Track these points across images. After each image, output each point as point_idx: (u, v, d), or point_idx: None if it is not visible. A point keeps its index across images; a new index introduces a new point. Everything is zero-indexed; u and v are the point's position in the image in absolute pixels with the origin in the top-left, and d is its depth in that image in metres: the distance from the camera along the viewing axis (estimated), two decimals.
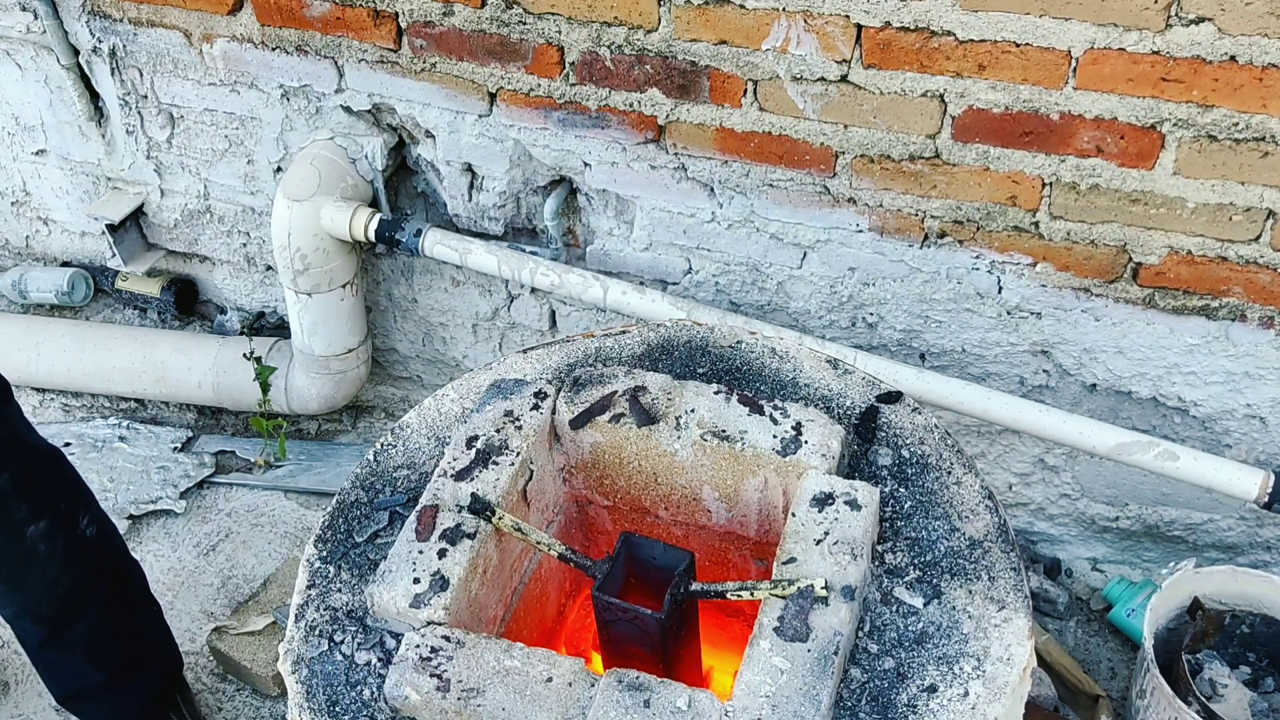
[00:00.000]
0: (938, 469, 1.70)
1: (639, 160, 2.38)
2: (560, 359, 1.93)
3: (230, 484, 3.02)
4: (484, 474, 1.65)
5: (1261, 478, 2.07)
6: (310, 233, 2.60)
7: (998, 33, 1.95)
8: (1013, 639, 1.48)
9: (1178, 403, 2.26)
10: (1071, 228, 2.13)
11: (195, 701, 2.47)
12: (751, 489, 1.70)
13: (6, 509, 1.96)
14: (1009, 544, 1.60)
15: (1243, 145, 1.93)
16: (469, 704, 1.42)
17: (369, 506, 1.73)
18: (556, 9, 2.22)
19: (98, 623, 2.16)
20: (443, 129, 2.51)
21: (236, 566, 2.82)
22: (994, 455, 2.54)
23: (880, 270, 2.33)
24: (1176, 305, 2.16)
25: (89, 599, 2.13)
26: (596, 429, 1.73)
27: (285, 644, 1.57)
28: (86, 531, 2.11)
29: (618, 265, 2.57)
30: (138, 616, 2.29)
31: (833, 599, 1.46)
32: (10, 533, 1.98)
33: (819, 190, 2.27)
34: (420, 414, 1.86)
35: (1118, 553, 2.60)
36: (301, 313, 2.75)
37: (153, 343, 3.11)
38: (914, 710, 1.42)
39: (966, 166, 2.12)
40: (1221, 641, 2.29)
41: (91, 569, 2.13)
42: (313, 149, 2.63)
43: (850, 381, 1.85)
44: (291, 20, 2.49)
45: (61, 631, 2.13)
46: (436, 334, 2.97)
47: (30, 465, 2.01)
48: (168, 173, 2.95)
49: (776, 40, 2.10)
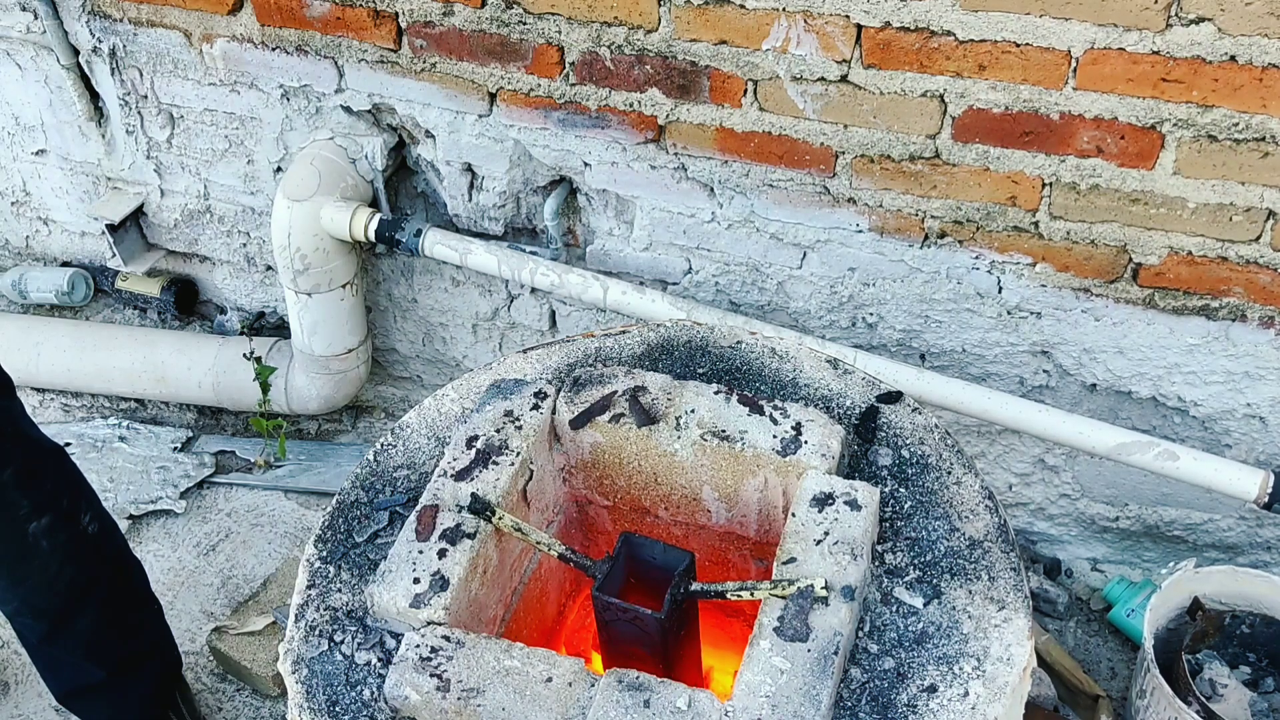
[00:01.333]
0: (938, 469, 1.70)
1: (639, 160, 2.38)
2: (560, 359, 1.93)
3: (230, 484, 3.02)
4: (484, 474, 1.65)
5: (1261, 478, 2.07)
6: (310, 233, 2.60)
7: (998, 33, 1.95)
8: (1013, 639, 1.48)
9: (1178, 403, 2.26)
10: (1071, 228, 2.13)
11: (195, 701, 2.47)
12: (751, 489, 1.70)
13: (8, 504, 1.96)
14: (1009, 544, 1.60)
15: (1243, 145, 1.93)
16: (469, 704, 1.42)
17: (369, 506, 1.73)
18: (556, 9, 2.22)
19: (98, 620, 2.16)
20: (443, 129, 2.51)
21: (236, 566, 2.82)
22: (994, 455, 2.54)
23: (880, 270, 2.33)
24: (1176, 305, 2.16)
25: (89, 596, 2.13)
26: (596, 429, 1.73)
27: (285, 644, 1.57)
28: (88, 528, 2.11)
29: (618, 265, 2.57)
30: (138, 614, 2.29)
31: (833, 599, 1.46)
32: (12, 528, 1.98)
33: (819, 190, 2.27)
34: (420, 414, 1.86)
35: (1118, 553, 2.60)
36: (301, 313, 2.75)
37: (153, 343, 3.11)
38: (914, 710, 1.42)
39: (966, 166, 2.12)
40: (1221, 641, 2.29)
41: (92, 566, 2.13)
42: (313, 149, 2.63)
43: (850, 381, 1.85)
44: (291, 20, 2.49)
45: (61, 628, 2.13)
46: (436, 334, 2.97)
47: (32, 461, 2.01)
48: (168, 173, 2.95)
49: (776, 40, 2.10)
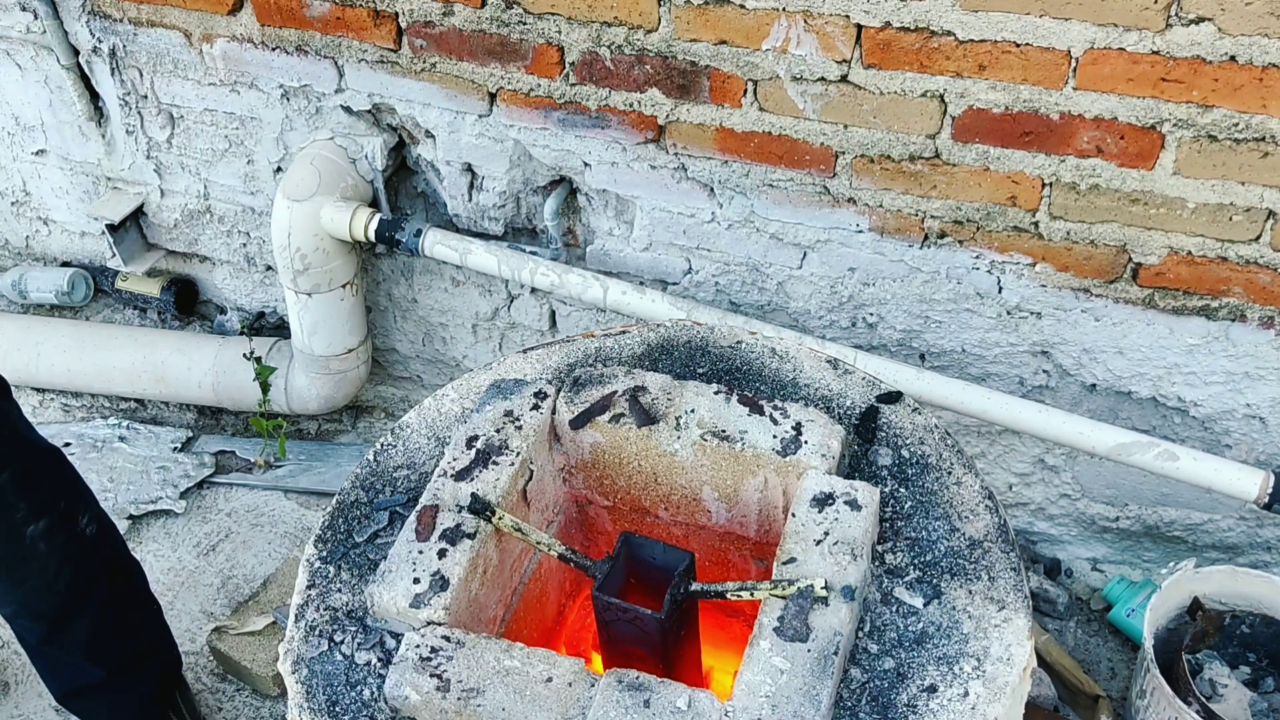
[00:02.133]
0: (938, 469, 1.70)
1: (639, 160, 2.38)
2: (560, 359, 1.93)
3: (230, 484, 3.02)
4: (484, 474, 1.65)
5: (1261, 478, 2.07)
6: (310, 233, 2.60)
7: (998, 33, 1.95)
8: (1013, 639, 1.48)
9: (1177, 403, 2.26)
10: (1071, 228, 2.13)
11: (195, 701, 2.47)
12: (751, 489, 1.70)
13: (6, 507, 1.96)
14: (1009, 544, 1.60)
15: (1243, 145, 1.93)
16: (469, 704, 1.42)
17: (369, 506, 1.73)
18: (556, 9, 2.22)
19: (97, 620, 2.16)
20: (443, 129, 2.51)
21: (236, 566, 2.82)
22: (994, 455, 2.54)
23: (880, 270, 2.33)
24: (1176, 305, 2.16)
25: (89, 596, 2.13)
26: (596, 429, 1.73)
27: (285, 644, 1.57)
28: (86, 529, 2.11)
29: (618, 265, 2.57)
30: (137, 614, 2.29)
31: (833, 599, 1.46)
32: (10, 531, 1.98)
33: (819, 190, 2.27)
34: (420, 414, 1.86)
35: (1118, 553, 2.60)
36: (301, 313, 2.75)
37: (153, 343, 3.11)
38: (914, 710, 1.42)
39: (966, 166, 2.12)
40: (1221, 641, 2.29)
41: (91, 567, 2.13)
42: (313, 149, 2.63)
43: (850, 381, 1.85)
44: (291, 20, 2.49)
45: (61, 629, 2.13)
46: (436, 334, 2.97)
47: (29, 463, 2.01)
48: (168, 173, 2.95)
49: (776, 40, 2.10)
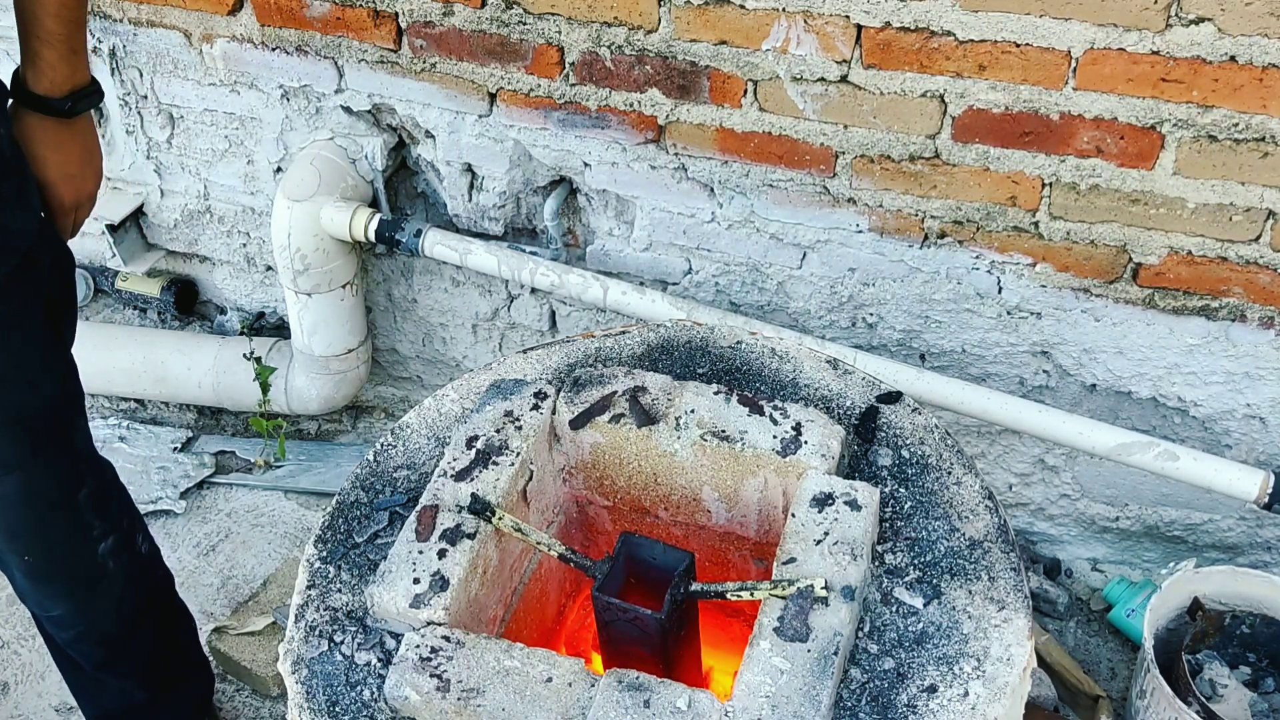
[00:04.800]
0: (938, 469, 1.70)
1: (639, 160, 2.38)
2: (560, 359, 1.93)
3: (230, 484, 3.02)
4: (484, 474, 1.65)
5: (1261, 478, 2.07)
6: (310, 233, 2.60)
7: (998, 33, 1.95)
8: (1013, 639, 1.48)
9: (1178, 403, 2.26)
10: (1071, 228, 2.13)
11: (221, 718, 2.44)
12: (751, 489, 1.70)
13: (84, 525, 1.88)
14: (1009, 544, 1.60)
15: (1243, 145, 1.93)
16: (469, 704, 1.42)
17: (369, 507, 1.73)
18: (556, 9, 2.22)
19: (155, 641, 2.11)
20: (443, 129, 2.51)
21: (236, 567, 2.82)
22: (994, 455, 2.54)
23: (880, 270, 2.33)
24: (1176, 305, 2.16)
25: (147, 617, 2.07)
26: (596, 429, 1.73)
27: (285, 644, 1.57)
28: (142, 548, 2.05)
29: (618, 265, 2.57)
30: (185, 634, 2.25)
31: (833, 599, 1.46)
32: (86, 550, 1.90)
33: (819, 190, 2.27)
34: (420, 414, 1.86)
35: (1118, 553, 2.60)
36: (301, 313, 2.75)
37: (153, 343, 3.11)
38: (914, 710, 1.42)
39: (966, 167, 2.12)
40: (1221, 642, 2.29)
41: (148, 587, 2.08)
42: (313, 149, 2.63)
43: (850, 382, 1.85)
44: (291, 20, 2.49)
45: (120, 652, 2.06)
46: (436, 334, 2.97)
47: (101, 480, 1.93)
48: (168, 173, 2.95)
49: (776, 40, 2.10)
